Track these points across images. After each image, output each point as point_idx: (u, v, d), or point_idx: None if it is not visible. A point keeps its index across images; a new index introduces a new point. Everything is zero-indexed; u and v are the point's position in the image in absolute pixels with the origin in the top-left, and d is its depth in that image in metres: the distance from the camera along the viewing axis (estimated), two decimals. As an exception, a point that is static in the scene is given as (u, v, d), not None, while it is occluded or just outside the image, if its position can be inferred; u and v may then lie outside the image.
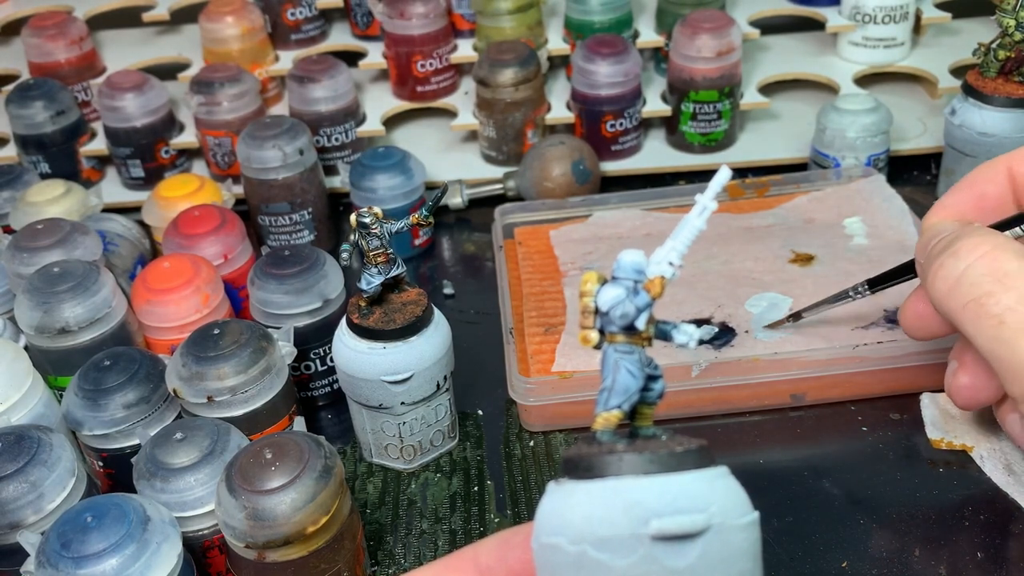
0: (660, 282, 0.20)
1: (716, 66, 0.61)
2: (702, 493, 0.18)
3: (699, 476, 0.18)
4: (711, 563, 0.18)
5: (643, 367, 0.20)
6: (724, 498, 0.18)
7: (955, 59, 0.66)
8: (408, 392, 0.41)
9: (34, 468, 0.34)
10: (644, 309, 0.20)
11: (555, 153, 0.60)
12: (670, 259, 0.20)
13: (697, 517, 0.18)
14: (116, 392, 0.39)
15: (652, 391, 0.21)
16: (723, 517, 0.18)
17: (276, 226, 0.58)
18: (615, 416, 0.20)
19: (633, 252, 0.20)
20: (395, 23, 0.65)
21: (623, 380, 0.20)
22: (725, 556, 0.18)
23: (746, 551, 0.18)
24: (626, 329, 0.20)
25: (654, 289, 0.20)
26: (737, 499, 0.19)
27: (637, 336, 0.20)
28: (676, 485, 0.18)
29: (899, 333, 0.45)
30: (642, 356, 0.20)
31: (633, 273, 0.20)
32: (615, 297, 0.20)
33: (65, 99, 0.64)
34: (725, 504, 0.18)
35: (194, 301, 0.45)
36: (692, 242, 0.20)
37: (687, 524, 0.18)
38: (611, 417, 0.20)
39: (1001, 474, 0.40)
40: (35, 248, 0.47)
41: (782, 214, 0.56)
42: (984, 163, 0.31)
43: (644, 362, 0.20)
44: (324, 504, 0.33)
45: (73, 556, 0.30)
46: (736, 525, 0.18)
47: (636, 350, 0.20)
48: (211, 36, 0.67)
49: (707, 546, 0.18)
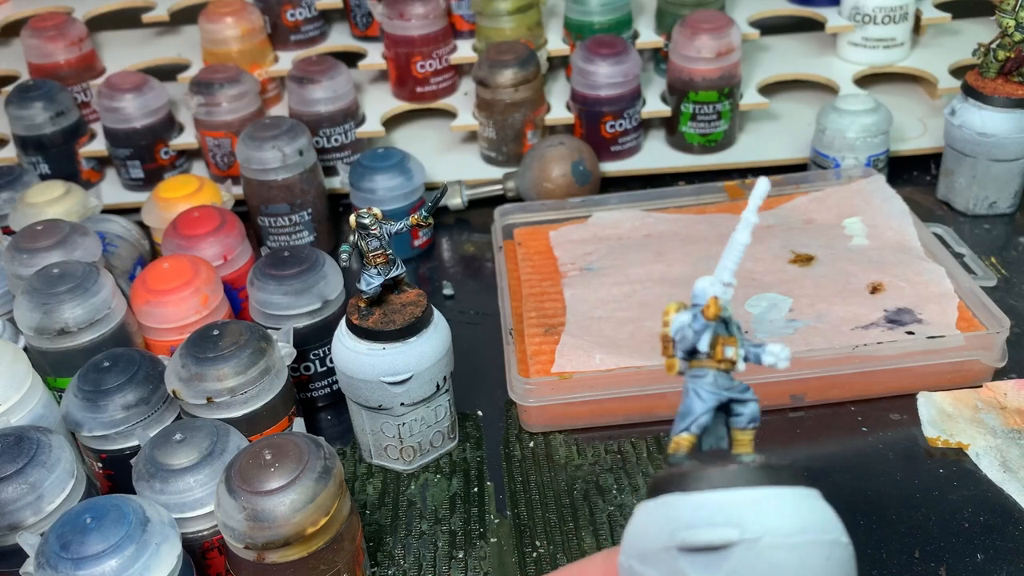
0: (713, 303, 0.20)
1: (716, 67, 0.61)
2: (740, 508, 0.18)
3: (745, 493, 0.18)
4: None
5: (718, 390, 0.20)
6: (770, 515, 0.18)
7: (955, 59, 0.66)
8: (408, 393, 0.41)
9: (33, 469, 0.34)
10: (702, 332, 0.20)
11: (555, 154, 0.60)
12: (721, 278, 0.20)
13: (724, 531, 0.17)
14: (115, 393, 0.39)
15: (740, 415, 0.20)
16: (761, 533, 0.17)
17: (276, 227, 0.58)
18: (684, 440, 0.20)
19: (703, 279, 0.20)
20: (394, 24, 0.65)
21: (688, 403, 0.20)
22: (759, 572, 0.17)
23: (791, 570, 0.17)
24: (691, 353, 0.20)
25: (708, 311, 0.20)
26: (794, 518, 0.18)
27: (709, 359, 0.20)
28: (714, 499, 0.18)
29: (899, 333, 0.45)
30: (718, 379, 0.20)
31: (702, 298, 0.20)
32: (678, 323, 0.20)
33: (65, 100, 0.64)
34: (771, 521, 0.18)
35: (193, 302, 0.45)
36: (740, 258, 0.20)
37: (711, 537, 0.17)
38: (681, 441, 0.20)
39: (997, 471, 0.40)
40: (35, 249, 0.47)
41: (782, 214, 0.56)
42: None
43: (721, 385, 0.20)
44: (324, 505, 0.33)
45: (72, 557, 0.30)
46: (779, 543, 0.17)
47: (709, 373, 0.20)
48: (211, 37, 0.67)
49: (739, 562, 0.17)
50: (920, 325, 0.46)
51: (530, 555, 0.39)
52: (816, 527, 0.18)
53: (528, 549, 0.39)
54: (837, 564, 0.18)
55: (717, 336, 0.20)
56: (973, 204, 0.58)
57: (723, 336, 0.20)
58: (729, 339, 0.20)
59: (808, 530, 0.18)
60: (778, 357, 0.20)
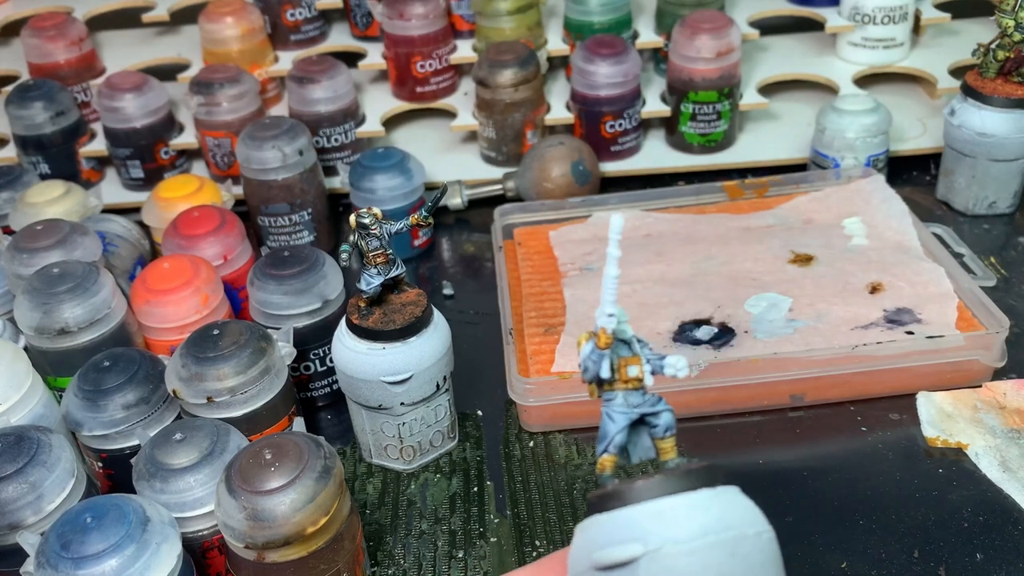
0: (602, 335, 0.21)
1: (715, 67, 0.61)
2: (644, 521, 0.19)
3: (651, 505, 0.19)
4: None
5: (629, 409, 0.21)
6: (671, 524, 0.18)
7: (954, 60, 0.66)
8: (407, 392, 0.41)
9: (34, 469, 0.34)
10: (600, 360, 0.21)
11: (555, 154, 0.60)
12: (604, 311, 0.21)
13: (629, 547, 0.18)
14: (116, 393, 0.39)
15: (656, 427, 0.21)
16: (662, 543, 0.18)
17: (276, 227, 0.58)
18: (606, 460, 0.21)
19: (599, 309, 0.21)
20: (394, 24, 0.65)
21: (603, 426, 0.21)
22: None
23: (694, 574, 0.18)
24: (598, 380, 0.21)
25: (599, 343, 0.21)
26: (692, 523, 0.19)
27: (617, 382, 0.21)
28: (622, 517, 0.19)
29: (898, 333, 0.45)
30: (628, 398, 0.21)
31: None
32: (583, 355, 0.21)
33: (65, 100, 0.64)
34: (671, 530, 0.18)
35: (194, 302, 0.45)
36: (615, 289, 0.21)
37: (618, 555, 0.18)
38: (604, 462, 0.21)
39: (996, 470, 0.40)
40: (35, 249, 0.47)
41: (781, 214, 0.56)
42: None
43: (632, 403, 0.21)
44: (324, 505, 0.33)
45: (73, 557, 0.30)
46: (678, 550, 0.18)
47: (618, 394, 0.21)
48: (211, 37, 0.67)
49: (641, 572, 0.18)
50: (919, 325, 0.46)
51: (530, 555, 0.39)
52: (716, 527, 0.19)
53: (528, 549, 0.39)
54: (744, 558, 0.19)
55: (620, 359, 0.21)
56: (972, 204, 0.58)
57: (625, 358, 0.21)
58: (631, 359, 0.21)
59: (708, 531, 0.18)
60: (676, 368, 0.21)
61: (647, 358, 0.21)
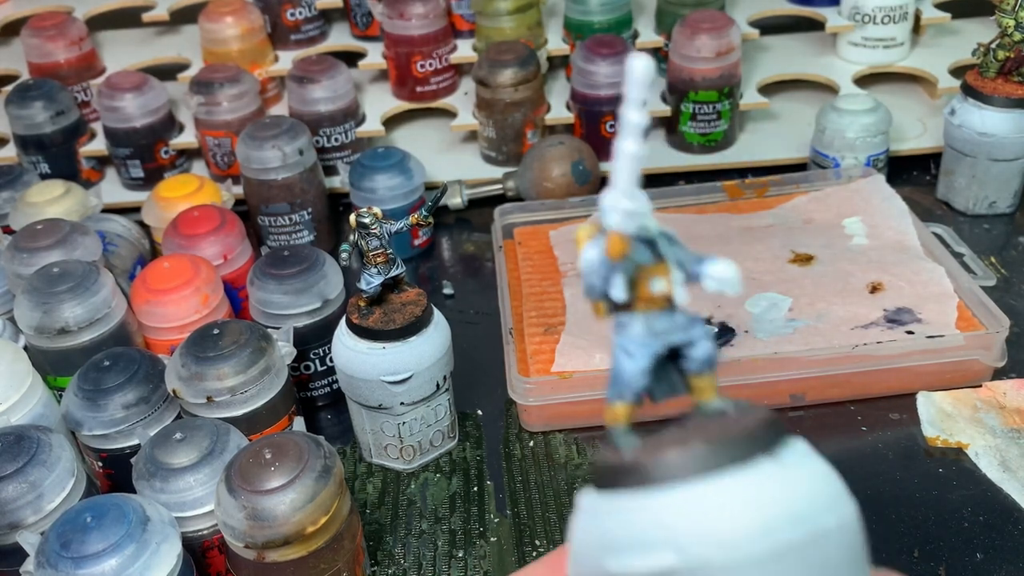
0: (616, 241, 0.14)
1: (715, 66, 0.61)
2: (679, 517, 0.13)
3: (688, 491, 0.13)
4: None
5: (652, 339, 0.15)
6: (718, 521, 0.13)
7: (954, 59, 0.66)
8: (408, 392, 0.41)
9: (34, 468, 0.34)
10: (611, 275, 0.15)
11: (555, 153, 0.60)
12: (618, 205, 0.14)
13: (658, 557, 0.13)
14: (116, 392, 0.39)
15: (691, 360, 0.15)
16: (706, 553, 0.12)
17: (276, 226, 0.58)
18: (619, 410, 0.15)
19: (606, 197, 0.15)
20: (395, 23, 0.65)
21: (616, 365, 0.15)
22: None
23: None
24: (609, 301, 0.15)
25: (611, 251, 0.15)
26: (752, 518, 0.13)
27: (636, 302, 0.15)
28: (649, 507, 0.13)
29: (898, 333, 0.45)
30: (652, 323, 0.15)
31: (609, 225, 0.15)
32: (584, 261, 0.15)
33: (65, 99, 0.64)
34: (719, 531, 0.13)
35: (194, 301, 0.45)
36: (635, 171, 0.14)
37: (641, 567, 0.13)
38: (616, 412, 0.15)
39: (996, 470, 0.40)
40: (35, 248, 0.47)
41: (781, 214, 0.56)
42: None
43: (657, 330, 0.15)
44: (324, 504, 0.33)
45: (73, 556, 0.30)
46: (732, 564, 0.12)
47: (635, 319, 0.15)
48: (211, 36, 0.67)
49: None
50: (920, 325, 0.46)
51: (530, 554, 0.39)
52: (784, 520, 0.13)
53: (528, 548, 0.39)
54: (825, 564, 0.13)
55: (639, 269, 0.15)
56: (973, 204, 0.58)
57: (646, 267, 0.15)
58: (656, 268, 0.15)
59: (773, 529, 0.13)
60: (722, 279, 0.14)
61: (679, 262, 0.15)
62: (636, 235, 0.15)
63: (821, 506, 0.13)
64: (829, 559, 0.13)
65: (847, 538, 0.13)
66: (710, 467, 0.13)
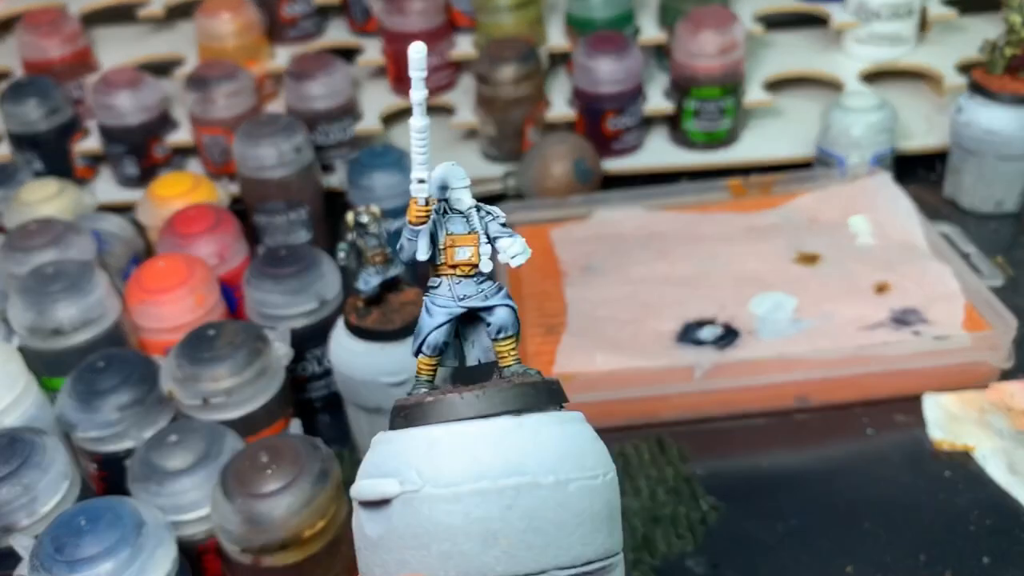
0: (412, 206, 0.16)
1: (719, 63, 0.61)
2: (411, 454, 0.15)
3: (429, 431, 0.15)
4: (402, 535, 0.14)
5: (452, 301, 0.17)
6: (441, 460, 0.15)
7: (961, 56, 0.66)
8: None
9: (27, 471, 0.34)
10: (416, 238, 0.16)
11: (556, 151, 0.59)
12: (415, 175, 0.16)
13: (383, 484, 0.15)
14: (110, 394, 0.38)
15: (488, 325, 0.17)
16: (421, 484, 0.14)
17: (272, 225, 0.57)
18: (421, 363, 0.17)
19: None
20: (393, 19, 0.64)
21: (419, 321, 0.17)
22: (417, 531, 0.14)
23: (453, 527, 0.14)
24: (416, 262, 0.17)
25: (408, 216, 0.17)
26: (468, 461, 0.15)
27: (443, 266, 0.17)
28: (393, 446, 0.15)
29: (905, 334, 0.45)
30: (455, 288, 0.17)
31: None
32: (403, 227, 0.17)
33: (58, 97, 0.63)
34: (438, 468, 0.14)
35: (189, 302, 0.44)
36: (423, 144, 0.16)
37: (370, 491, 0.15)
38: (419, 364, 0.17)
39: (1004, 474, 0.40)
40: (29, 248, 0.46)
41: (786, 213, 0.55)
42: None
43: (458, 294, 0.17)
44: (321, 508, 0.33)
45: (67, 560, 0.29)
46: (438, 495, 0.14)
47: (443, 282, 0.17)
48: (206, 33, 0.66)
49: (399, 518, 0.14)
50: (926, 325, 0.45)
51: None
52: (497, 469, 0.14)
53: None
54: (526, 513, 0.14)
55: (449, 237, 0.17)
56: (980, 203, 0.57)
57: (455, 235, 0.17)
58: (464, 237, 0.17)
59: (484, 475, 0.14)
60: (510, 253, 0.16)
61: (494, 235, 0.17)
62: (452, 205, 0.17)
63: (542, 465, 0.15)
64: (536, 510, 0.15)
65: (561, 498, 0.15)
66: (456, 415, 0.15)
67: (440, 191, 0.17)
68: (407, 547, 0.15)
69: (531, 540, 0.15)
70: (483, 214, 0.17)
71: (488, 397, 0.15)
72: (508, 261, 0.17)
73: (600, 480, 0.15)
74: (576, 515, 0.15)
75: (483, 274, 0.17)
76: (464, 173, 0.17)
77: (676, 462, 0.42)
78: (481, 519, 0.14)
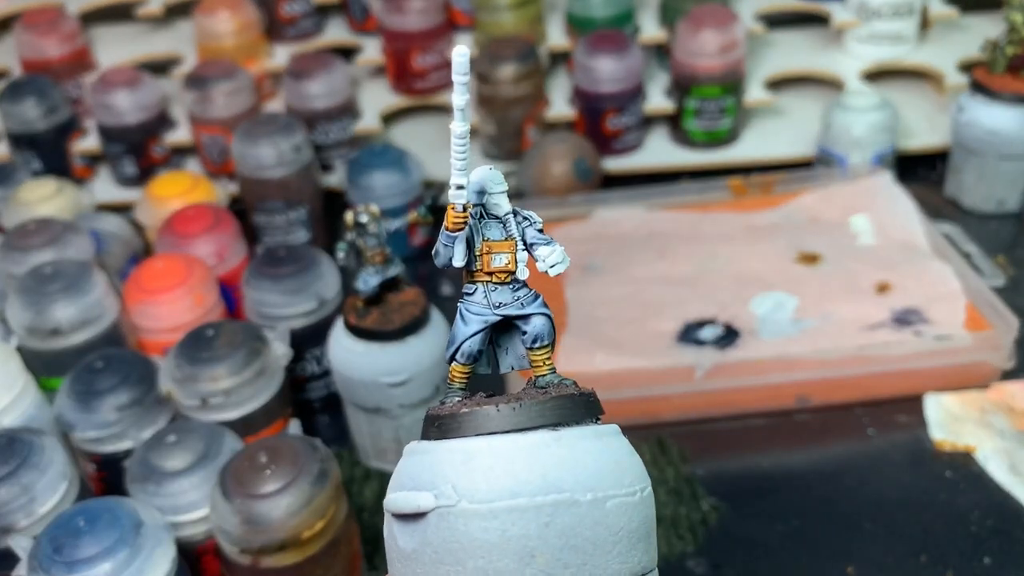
0: (449, 214, 0.16)
1: (719, 62, 0.60)
2: (448, 467, 0.14)
3: (467, 444, 0.15)
4: (436, 550, 0.14)
5: (487, 309, 0.16)
6: (477, 474, 0.14)
7: (963, 55, 0.65)
8: (406, 394, 0.40)
9: (26, 471, 0.34)
10: (452, 244, 0.16)
11: (556, 151, 0.59)
12: (454, 181, 0.16)
13: (417, 498, 0.14)
14: (109, 394, 0.38)
15: (524, 334, 0.16)
16: (456, 499, 0.14)
17: (271, 225, 0.57)
18: (455, 370, 0.16)
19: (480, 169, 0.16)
20: (392, 18, 0.64)
21: (453, 328, 0.16)
22: (452, 546, 0.14)
23: (489, 544, 0.14)
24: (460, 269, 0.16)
25: (446, 223, 0.16)
26: (504, 477, 0.14)
27: (479, 272, 0.16)
28: (427, 458, 0.15)
29: (906, 334, 0.45)
30: (490, 295, 0.16)
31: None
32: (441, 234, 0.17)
33: (57, 96, 0.63)
34: (474, 482, 0.14)
35: (187, 302, 0.44)
36: (464, 151, 0.16)
37: (403, 505, 0.15)
38: (452, 371, 0.17)
39: (1005, 474, 0.40)
40: (27, 247, 0.46)
41: (787, 213, 0.55)
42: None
43: (493, 302, 0.16)
44: (320, 509, 0.33)
45: (66, 561, 0.29)
46: (473, 511, 0.14)
47: (478, 288, 0.16)
48: (205, 32, 0.66)
49: (434, 532, 0.14)
50: (927, 325, 0.45)
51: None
52: (534, 486, 0.14)
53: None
54: (564, 531, 0.14)
55: (485, 244, 0.16)
56: (981, 202, 0.57)
57: (491, 242, 0.16)
58: (501, 244, 0.16)
59: (520, 492, 0.14)
60: (548, 262, 0.16)
61: (531, 241, 0.16)
62: (488, 210, 0.16)
63: (579, 482, 0.15)
64: (573, 528, 0.14)
65: (599, 515, 0.15)
66: (492, 428, 0.15)
67: (477, 196, 0.17)
68: (442, 562, 0.14)
69: (568, 558, 0.14)
70: (520, 219, 0.17)
71: (525, 410, 0.15)
72: (547, 270, 0.16)
73: (638, 496, 0.15)
74: (614, 533, 0.15)
75: (519, 281, 0.17)
76: (502, 177, 0.17)
77: (676, 462, 0.42)
78: (518, 537, 0.14)
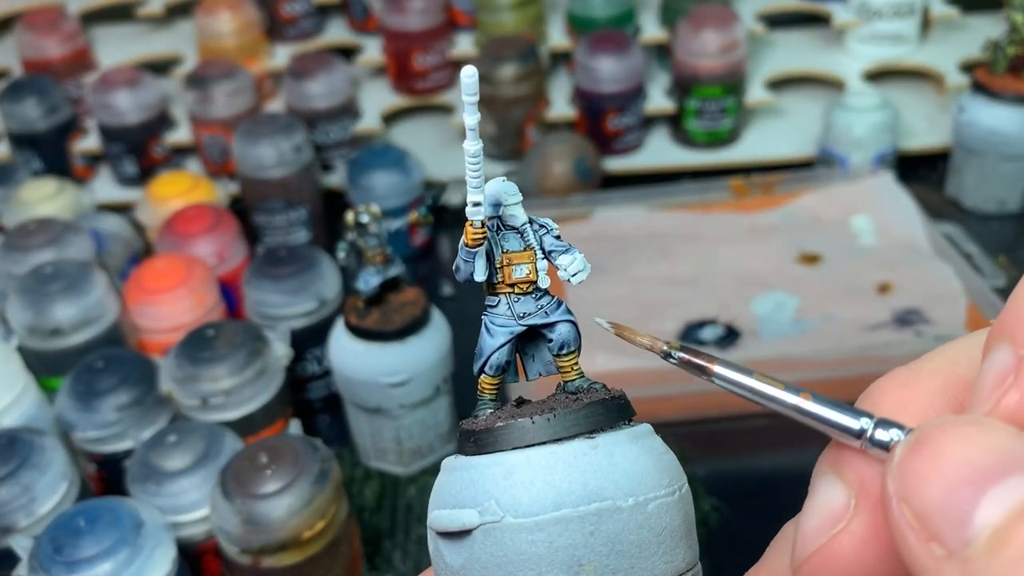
0: (468, 230, 0.16)
1: (720, 62, 0.60)
2: (490, 482, 0.15)
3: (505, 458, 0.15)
4: (485, 565, 0.14)
5: (511, 320, 0.16)
6: (519, 488, 0.14)
7: (964, 55, 0.65)
8: (406, 394, 0.40)
9: (26, 471, 0.34)
10: (472, 259, 0.16)
11: (557, 151, 0.59)
12: (471, 199, 0.16)
13: (462, 515, 0.14)
14: (109, 394, 0.38)
15: (550, 342, 0.17)
16: (502, 514, 0.14)
17: (272, 225, 0.57)
18: (484, 382, 0.17)
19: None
20: (393, 18, 0.64)
21: (480, 340, 0.17)
22: (501, 560, 0.14)
23: (538, 557, 0.14)
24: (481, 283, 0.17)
25: (465, 238, 0.17)
26: (546, 489, 0.15)
27: (501, 284, 0.17)
28: (474, 467, 0.15)
29: (907, 334, 0.44)
30: (513, 306, 0.17)
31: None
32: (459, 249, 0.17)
33: (57, 96, 0.63)
34: (517, 496, 0.14)
35: (188, 301, 0.44)
36: (477, 168, 0.16)
37: (448, 523, 0.15)
38: (481, 384, 0.17)
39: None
40: (27, 247, 0.46)
41: (788, 213, 0.55)
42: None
43: (517, 312, 0.16)
44: (320, 509, 0.33)
45: (66, 561, 0.29)
46: (519, 525, 0.14)
47: (500, 300, 0.17)
48: (206, 32, 0.66)
49: (481, 549, 0.14)
50: (928, 326, 0.45)
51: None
52: (577, 495, 0.14)
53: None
54: (610, 538, 0.14)
55: (505, 256, 0.17)
56: (982, 202, 0.57)
57: (511, 253, 0.17)
58: (520, 255, 0.17)
59: (564, 503, 0.14)
60: (569, 269, 0.16)
61: (549, 249, 0.17)
62: (505, 221, 0.17)
63: (620, 487, 0.15)
64: (618, 533, 0.15)
65: (641, 519, 0.15)
66: (528, 440, 0.15)
67: (493, 208, 0.17)
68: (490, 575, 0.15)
69: (615, 564, 0.15)
70: (536, 228, 0.17)
71: (560, 420, 0.15)
72: (569, 279, 0.17)
73: (677, 495, 0.16)
74: (657, 534, 0.15)
75: (541, 290, 0.17)
76: (516, 188, 0.17)
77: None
78: (565, 547, 0.14)
